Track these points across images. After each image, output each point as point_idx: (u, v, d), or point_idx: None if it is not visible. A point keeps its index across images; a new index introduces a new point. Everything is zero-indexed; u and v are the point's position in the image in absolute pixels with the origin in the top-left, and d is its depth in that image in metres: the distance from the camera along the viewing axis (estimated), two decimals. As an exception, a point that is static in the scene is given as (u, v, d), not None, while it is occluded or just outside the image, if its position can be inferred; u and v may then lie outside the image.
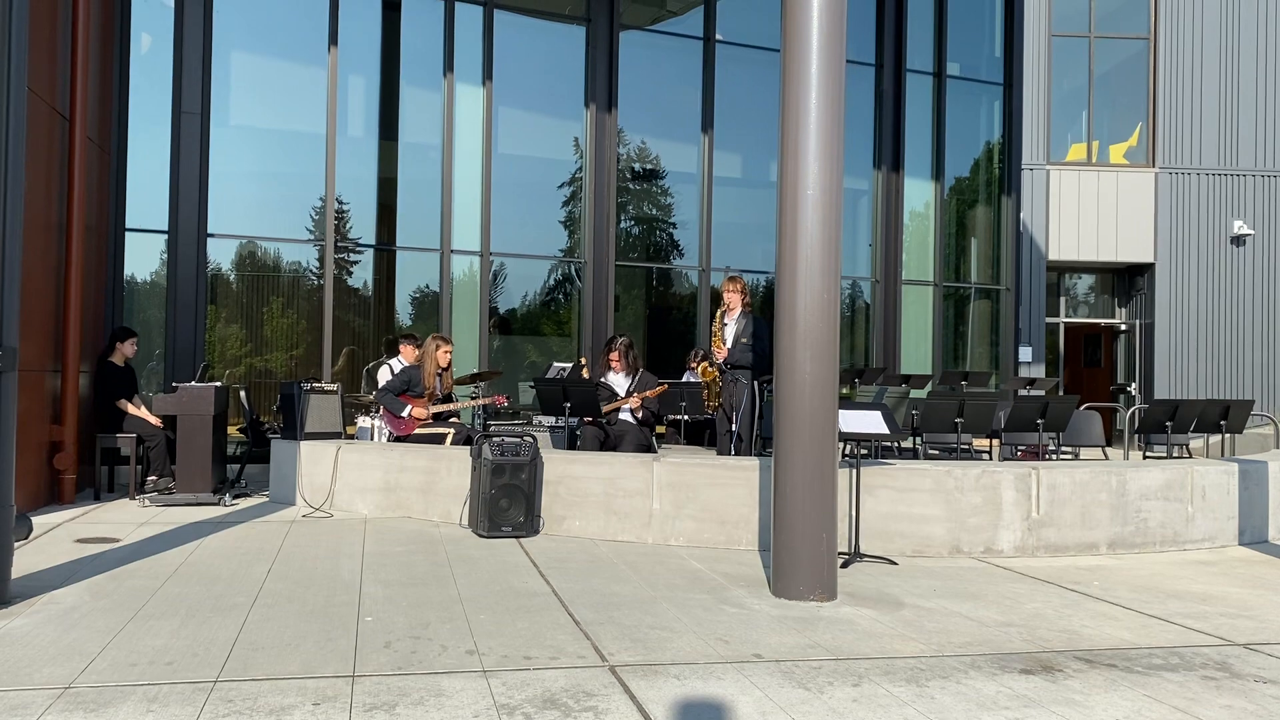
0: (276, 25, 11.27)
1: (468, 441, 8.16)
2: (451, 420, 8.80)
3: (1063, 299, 17.89)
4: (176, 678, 3.82)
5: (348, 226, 11.51)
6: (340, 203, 11.38)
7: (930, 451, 9.91)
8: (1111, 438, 12.96)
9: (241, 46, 11.10)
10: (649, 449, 8.77)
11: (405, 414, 8.52)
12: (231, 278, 11.04)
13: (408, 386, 8.62)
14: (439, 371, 8.66)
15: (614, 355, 9.21)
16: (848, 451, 7.04)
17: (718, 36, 13.03)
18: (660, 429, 9.94)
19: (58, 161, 8.34)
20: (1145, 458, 10.28)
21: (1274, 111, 17.19)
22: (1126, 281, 17.72)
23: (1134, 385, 17.31)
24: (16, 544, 5.48)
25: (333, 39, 11.19)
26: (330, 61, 11.19)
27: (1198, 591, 5.92)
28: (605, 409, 8.89)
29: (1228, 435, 10.04)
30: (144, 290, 10.61)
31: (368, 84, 11.72)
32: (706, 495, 7.03)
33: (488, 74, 11.90)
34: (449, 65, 11.76)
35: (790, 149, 5.55)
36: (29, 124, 5.93)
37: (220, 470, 8.79)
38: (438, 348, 8.66)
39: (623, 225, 12.77)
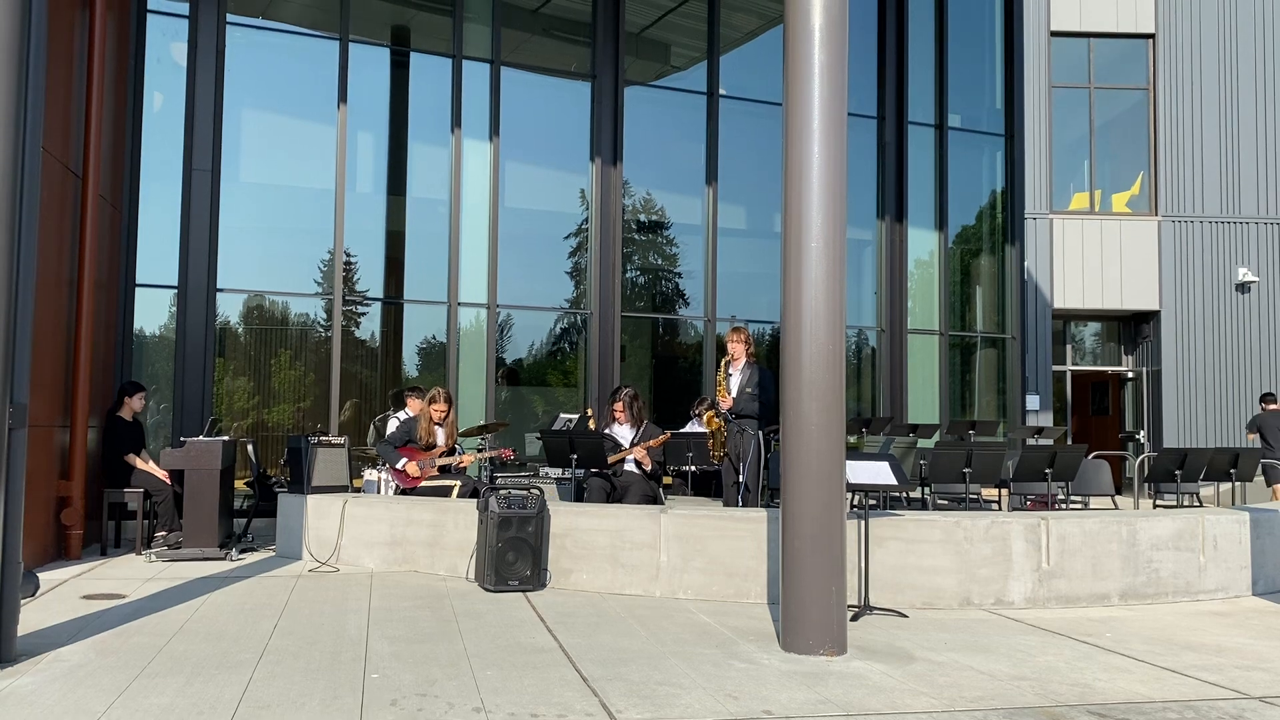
0: (287, 83, 11.46)
1: (474, 494, 8.14)
2: (458, 472, 8.79)
3: (1069, 347, 17.88)
4: (181, 737, 3.79)
5: (356, 280, 11.61)
6: (349, 256, 11.48)
7: (939, 502, 9.86)
8: (1121, 486, 12.87)
9: (252, 104, 11.28)
10: (655, 500, 8.74)
11: (400, 466, 8.53)
12: (240, 331, 11.12)
13: (408, 438, 8.66)
14: (436, 424, 8.68)
15: (618, 406, 9.18)
16: (856, 502, 7.02)
17: (721, 91, 13.21)
18: (667, 479, 9.90)
19: (70, 219, 8.44)
20: (1155, 506, 10.22)
21: (1275, 158, 17.30)
22: (1132, 329, 17.73)
23: (1143, 433, 17.24)
24: (23, 601, 5.46)
25: (342, 96, 11.37)
26: (340, 118, 11.36)
27: (1211, 643, 5.86)
28: (610, 460, 8.88)
29: (1238, 483, 9.99)
30: (153, 344, 10.68)
31: (376, 140, 11.89)
32: (714, 547, 6.99)
33: (495, 130, 12.06)
34: (456, 121, 11.92)
35: (794, 201, 5.61)
36: (42, 182, 6.02)
37: (227, 524, 8.77)
38: (430, 402, 8.70)
39: (628, 276, 12.85)
